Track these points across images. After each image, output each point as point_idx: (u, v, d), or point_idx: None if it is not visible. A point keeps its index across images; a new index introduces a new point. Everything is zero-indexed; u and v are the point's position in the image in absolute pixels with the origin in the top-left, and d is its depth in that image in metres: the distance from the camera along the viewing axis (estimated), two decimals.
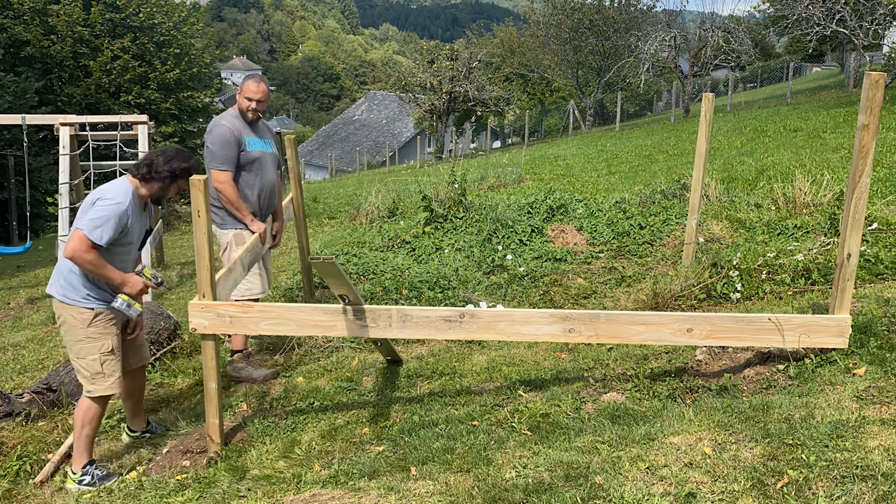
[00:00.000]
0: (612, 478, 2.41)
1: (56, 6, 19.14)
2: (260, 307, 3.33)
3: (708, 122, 4.93)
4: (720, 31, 24.59)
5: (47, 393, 4.06)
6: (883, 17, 19.40)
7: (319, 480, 2.85)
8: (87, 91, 19.04)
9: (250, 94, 4.16)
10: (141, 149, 7.49)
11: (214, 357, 3.29)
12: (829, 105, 17.23)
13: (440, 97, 29.24)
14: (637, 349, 3.86)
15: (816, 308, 3.76)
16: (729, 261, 4.59)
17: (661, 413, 2.96)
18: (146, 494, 3.08)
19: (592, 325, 3.15)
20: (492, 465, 2.68)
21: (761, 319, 3.08)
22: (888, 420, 2.51)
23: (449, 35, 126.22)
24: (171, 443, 3.59)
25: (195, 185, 3.09)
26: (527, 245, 6.40)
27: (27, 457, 3.55)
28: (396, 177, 17.90)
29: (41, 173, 14.52)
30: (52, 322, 6.56)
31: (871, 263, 4.37)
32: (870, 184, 2.94)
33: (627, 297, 4.94)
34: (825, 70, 41.23)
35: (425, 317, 3.22)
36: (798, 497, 2.16)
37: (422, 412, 3.45)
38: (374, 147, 40.43)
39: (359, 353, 4.53)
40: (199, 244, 3.17)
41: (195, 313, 3.24)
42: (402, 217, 8.54)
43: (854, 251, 3.00)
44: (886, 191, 6.47)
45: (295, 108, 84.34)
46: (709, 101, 4.92)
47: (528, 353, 4.14)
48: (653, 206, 6.90)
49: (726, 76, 34.64)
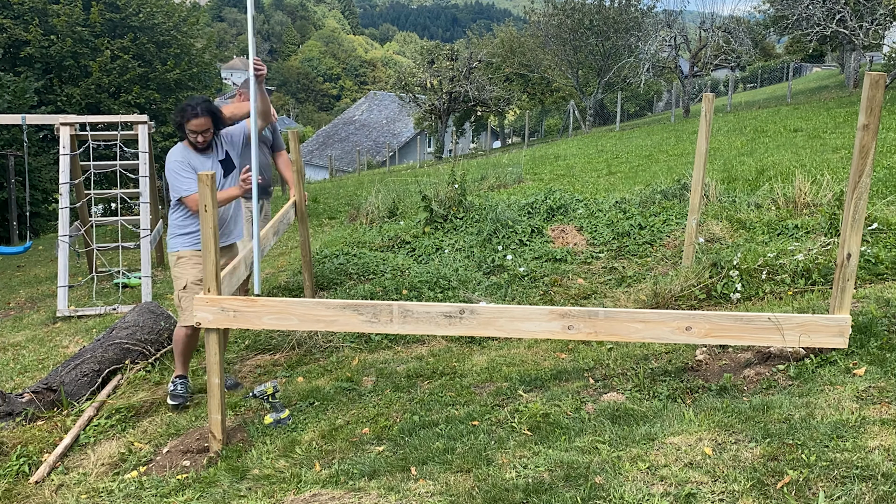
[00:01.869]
0: (613, 478, 2.41)
1: (56, 6, 19.13)
2: (263, 301, 3.34)
3: (708, 122, 4.92)
4: (720, 32, 24.60)
5: (47, 393, 4.06)
6: (883, 18, 19.41)
7: (320, 480, 2.85)
8: (87, 91, 19.03)
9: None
10: (141, 149, 7.48)
11: (218, 352, 3.30)
12: (830, 105, 17.23)
13: (440, 97, 29.26)
14: (637, 349, 3.86)
15: (816, 308, 3.76)
16: (729, 261, 4.59)
17: (661, 413, 2.96)
18: (146, 494, 3.08)
19: (591, 322, 3.15)
20: (492, 465, 2.68)
21: (761, 318, 3.08)
22: (888, 420, 2.51)
23: (449, 35, 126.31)
24: (172, 442, 3.59)
25: (202, 180, 3.12)
26: (527, 245, 6.40)
27: (27, 457, 3.55)
28: (396, 177, 17.91)
29: (41, 173, 14.51)
30: (53, 322, 6.57)
31: (871, 264, 4.37)
32: (870, 184, 2.94)
33: (627, 298, 4.95)
34: (825, 70, 41.23)
35: (426, 312, 3.23)
36: (798, 497, 2.16)
37: (422, 412, 3.45)
38: (375, 147, 40.43)
39: (359, 353, 4.53)
40: (204, 238, 3.18)
41: (200, 307, 3.25)
42: (402, 217, 8.54)
43: (854, 251, 3.00)
44: (887, 191, 6.48)
45: (295, 109, 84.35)
46: (709, 101, 4.90)
47: (528, 354, 4.14)
48: (653, 206, 6.90)
49: (726, 76, 34.64)
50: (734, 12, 29.53)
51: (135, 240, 7.83)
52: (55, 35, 18.84)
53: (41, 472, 3.42)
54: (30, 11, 18.62)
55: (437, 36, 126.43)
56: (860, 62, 21.94)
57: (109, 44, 19.45)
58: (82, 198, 7.85)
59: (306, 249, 5.40)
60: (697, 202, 5.05)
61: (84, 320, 6.48)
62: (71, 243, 7.36)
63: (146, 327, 4.72)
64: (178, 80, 20.42)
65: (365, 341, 4.68)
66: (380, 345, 4.63)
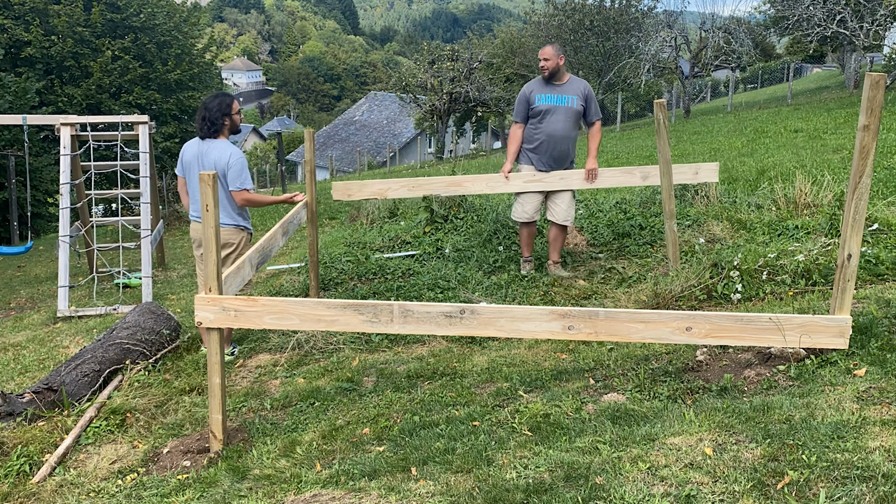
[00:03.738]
0: (613, 478, 2.42)
1: (57, 6, 19.14)
2: (264, 301, 3.34)
3: (666, 128, 4.98)
4: (721, 32, 24.60)
5: (48, 393, 4.06)
6: (883, 18, 19.40)
7: (320, 480, 2.85)
8: (87, 91, 19.04)
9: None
10: (142, 149, 7.48)
11: (219, 352, 3.30)
12: (830, 106, 17.24)
13: (441, 98, 29.25)
14: (638, 350, 3.86)
15: (817, 309, 3.76)
16: (730, 261, 4.59)
17: (661, 414, 2.96)
18: (147, 494, 3.08)
19: (592, 322, 3.16)
20: (492, 466, 2.68)
21: (761, 319, 3.08)
22: (889, 421, 2.51)
23: (450, 36, 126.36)
24: (172, 442, 3.59)
25: (204, 179, 3.12)
26: None
27: (28, 457, 3.55)
28: (397, 177, 17.90)
29: (42, 173, 14.51)
30: (53, 322, 6.58)
31: (871, 264, 4.38)
32: (870, 184, 2.94)
33: (628, 298, 4.95)
34: (826, 71, 41.24)
35: (426, 312, 3.23)
36: (799, 498, 2.16)
37: (422, 412, 3.45)
38: (375, 148, 40.45)
39: (359, 353, 4.54)
40: (207, 238, 3.19)
41: (201, 307, 3.26)
42: (403, 218, 8.55)
43: (855, 252, 3.00)
44: (887, 191, 6.48)
45: (296, 109, 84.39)
46: (662, 107, 4.97)
47: (528, 354, 4.15)
48: (653, 206, 6.90)
49: (727, 77, 34.64)
50: (735, 13, 29.53)
51: (135, 240, 7.83)
52: (56, 35, 18.85)
53: (43, 472, 3.42)
54: (31, 12, 18.64)
55: (438, 36, 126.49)
56: (860, 63, 21.95)
57: (110, 44, 19.46)
58: (83, 198, 7.86)
59: (314, 250, 5.40)
60: (672, 207, 5.09)
61: (85, 320, 6.48)
62: (71, 243, 7.36)
63: (147, 327, 4.72)
64: (179, 80, 20.44)
65: (365, 342, 4.68)
66: (380, 345, 4.63)
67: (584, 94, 5.48)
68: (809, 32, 21.12)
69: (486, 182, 5.67)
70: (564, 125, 5.42)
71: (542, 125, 5.43)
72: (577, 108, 5.45)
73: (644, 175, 5.52)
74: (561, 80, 5.45)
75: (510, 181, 5.52)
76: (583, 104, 5.48)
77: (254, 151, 48.29)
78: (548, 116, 5.40)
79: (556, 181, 5.49)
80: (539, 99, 5.43)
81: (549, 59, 5.34)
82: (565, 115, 5.41)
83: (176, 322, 4.97)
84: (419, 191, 5.73)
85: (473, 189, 5.77)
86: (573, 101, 5.43)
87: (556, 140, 5.42)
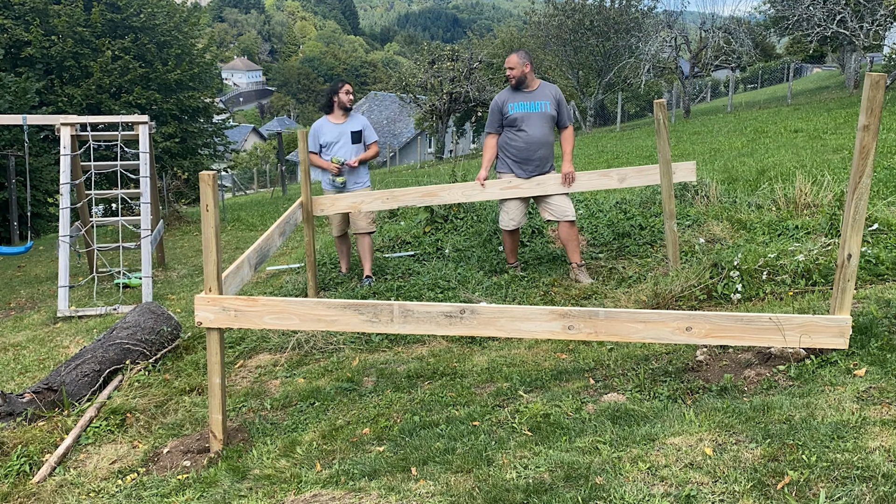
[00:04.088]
0: (613, 478, 2.42)
1: (57, 6, 19.14)
2: (264, 301, 3.34)
3: (666, 128, 4.97)
4: (721, 32, 24.61)
5: (48, 393, 4.06)
6: (883, 18, 19.40)
7: (320, 480, 2.85)
8: (87, 91, 19.04)
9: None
10: (142, 149, 7.49)
11: (219, 351, 3.30)
12: (830, 106, 17.24)
13: (441, 98, 29.24)
14: (638, 350, 3.86)
15: (817, 309, 3.76)
16: (730, 261, 4.59)
17: (661, 414, 2.96)
18: (147, 494, 3.08)
19: (592, 322, 3.15)
20: (492, 466, 2.68)
21: (761, 319, 3.08)
22: (889, 421, 2.51)
23: (450, 36, 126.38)
24: (172, 442, 3.59)
25: (204, 179, 3.11)
26: (527, 245, 6.40)
27: (28, 457, 3.55)
28: (397, 177, 17.91)
29: (42, 173, 14.50)
30: (53, 322, 6.58)
31: (871, 264, 4.37)
32: (870, 184, 2.94)
33: (628, 298, 4.95)
34: (826, 71, 41.24)
35: (426, 312, 3.23)
36: (799, 498, 2.16)
37: (422, 412, 3.45)
38: None
39: (359, 353, 4.54)
40: (206, 238, 3.18)
41: (201, 307, 3.25)
42: (403, 218, 8.55)
43: (855, 252, 3.00)
44: (887, 191, 6.47)
45: (296, 109, 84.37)
46: (662, 107, 4.97)
47: (528, 354, 4.14)
48: (654, 206, 6.90)
49: (727, 77, 34.64)
50: (734, 13, 29.55)
51: (135, 240, 7.83)
52: (56, 35, 18.85)
53: (43, 472, 3.42)
54: (31, 12, 18.63)
55: (438, 37, 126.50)
56: (860, 63, 21.95)
57: (110, 44, 19.45)
58: (83, 198, 7.86)
59: (311, 250, 5.40)
60: (672, 207, 5.10)
61: (85, 320, 6.48)
62: (72, 243, 7.36)
63: (147, 327, 4.72)
64: (179, 80, 20.43)
65: (365, 342, 4.68)
66: (380, 345, 4.63)
67: (555, 99, 5.45)
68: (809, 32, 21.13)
69: (461, 191, 5.63)
70: (541, 130, 5.40)
71: (520, 133, 5.39)
72: (552, 113, 5.43)
73: (621, 178, 5.47)
74: (531, 87, 5.44)
75: (486, 189, 5.50)
76: (556, 109, 5.45)
77: (254, 151, 48.31)
78: (523, 124, 5.38)
79: (532, 187, 5.46)
80: (512, 108, 5.40)
81: (514, 67, 5.34)
82: (541, 121, 5.40)
83: (176, 322, 4.97)
84: (393, 202, 5.68)
85: (449, 198, 5.75)
86: (546, 105, 5.41)
87: (535, 146, 5.40)
